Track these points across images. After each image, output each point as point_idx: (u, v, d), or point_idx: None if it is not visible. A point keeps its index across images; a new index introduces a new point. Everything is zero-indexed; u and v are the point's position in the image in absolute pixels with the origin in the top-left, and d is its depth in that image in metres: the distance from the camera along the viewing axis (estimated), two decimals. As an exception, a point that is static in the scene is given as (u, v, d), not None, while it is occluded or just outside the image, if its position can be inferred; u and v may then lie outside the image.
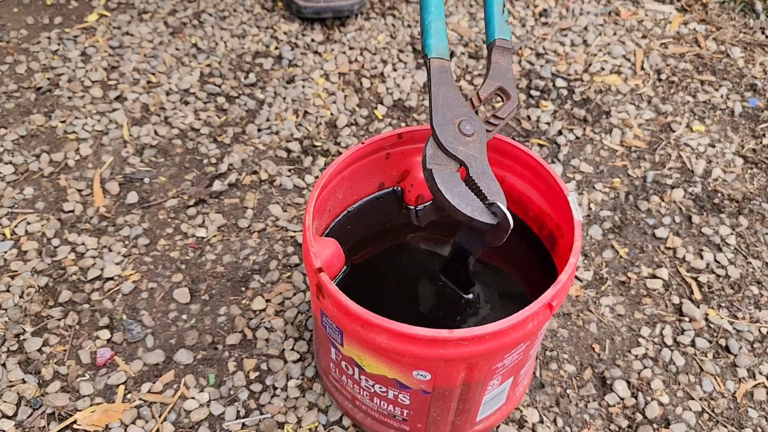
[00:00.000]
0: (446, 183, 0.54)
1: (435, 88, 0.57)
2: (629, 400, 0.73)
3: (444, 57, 0.57)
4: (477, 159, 0.56)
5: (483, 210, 0.55)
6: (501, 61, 0.60)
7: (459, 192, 0.55)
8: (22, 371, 0.72)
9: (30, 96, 1.02)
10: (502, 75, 0.60)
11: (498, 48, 0.60)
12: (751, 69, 1.12)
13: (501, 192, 0.56)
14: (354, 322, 0.53)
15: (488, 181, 0.56)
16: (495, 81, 0.60)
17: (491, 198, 0.55)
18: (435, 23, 0.58)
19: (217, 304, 0.79)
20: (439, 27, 0.58)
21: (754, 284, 0.85)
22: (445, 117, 0.56)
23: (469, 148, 0.56)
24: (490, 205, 0.55)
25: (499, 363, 0.57)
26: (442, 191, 0.54)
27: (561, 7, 1.23)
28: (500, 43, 0.60)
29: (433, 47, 0.57)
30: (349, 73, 1.09)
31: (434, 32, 0.58)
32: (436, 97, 0.56)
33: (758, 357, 0.78)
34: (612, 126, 1.02)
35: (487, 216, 0.55)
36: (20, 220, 0.86)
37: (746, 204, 0.93)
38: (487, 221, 0.54)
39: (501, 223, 0.54)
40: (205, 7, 1.18)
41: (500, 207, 0.54)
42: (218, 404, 0.71)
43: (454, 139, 0.56)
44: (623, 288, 0.83)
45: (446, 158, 0.56)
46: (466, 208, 0.54)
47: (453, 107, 0.57)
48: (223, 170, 0.93)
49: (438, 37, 0.58)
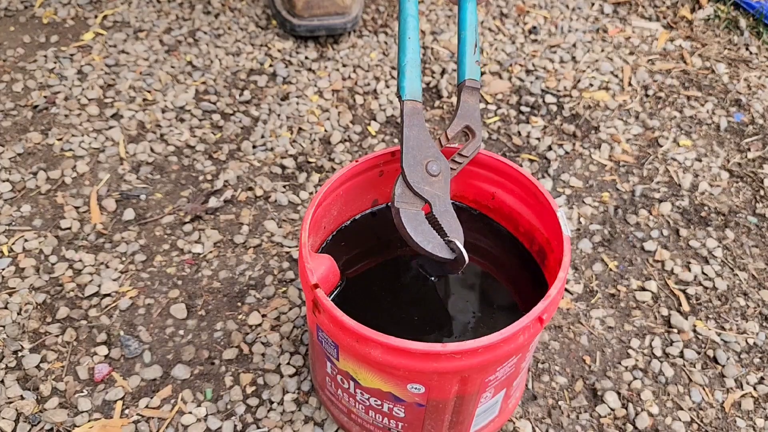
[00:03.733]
0: (411, 222, 0.59)
1: (407, 130, 0.61)
2: (620, 411, 0.75)
3: (417, 99, 0.61)
4: (440, 198, 0.61)
5: (442, 246, 0.60)
6: (470, 101, 0.64)
7: (422, 230, 0.60)
8: (21, 387, 0.73)
9: (27, 114, 1.03)
10: (469, 114, 0.64)
11: (467, 88, 0.64)
12: (736, 84, 1.15)
13: (460, 229, 0.61)
14: (349, 337, 0.54)
15: (449, 219, 0.61)
16: (462, 120, 0.64)
17: (450, 235, 0.60)
18: (410, 65, 0.61)
19: (214, 320, 0.80)
20: (413, 70, 0.62)
21: (741, 296, 0.86)
22: (414, 158, 0.60)
23: (434, 187, 0.61)
24: (449, 242, 0.60)
25: (492, 376, 0.58)
26: (407, 229, 0.59)
27: (550, 24, 1.25)
28: (470, 83, 0.64)
29: (407, 89, 0.61)
30: (342, 90, 1.11)
31: (409, 75, 0.61)
32: (407, 139, 0.61)
33: (745, 367, 0.79)
34: (601, 141, 1.05)
35: (446, 251, 0.60)
36: (18, 238, 0.87)
37: (732, 217, 0.95)
38: (445, 256, 0.60)
39: (457, 258, 0.60)
40: (199, 26, 1.20)
41: (457, 245, 0.59)
42: (215, 419, 0.72)
43: (421, 180, 0.60)
44: (613, 300, 0.85)
45: (413, 197, 0.60)
46: (428, 245, 0.59)
47: (422, 148, 0.61)
48: (218, 187, 0.94)
49: (412, 81, 0.61)
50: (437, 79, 1.12)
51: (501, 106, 1.09)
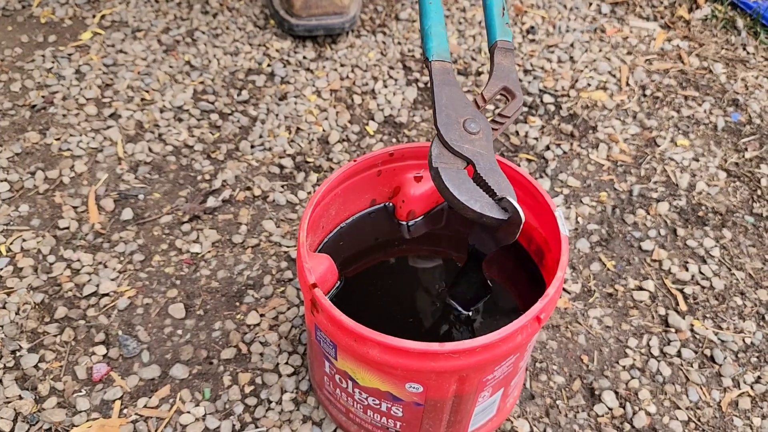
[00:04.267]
0: (454, 180, 0.54)
1: (438, 88, 0.56)
2: (617, 410, 0.75)
3: (446, 59, 0.57)
4: (484, 156, 0.55)
5: (493, 206, 0.54)
6: (504, 62, 0.60)
7: (467, 189, 0.54)
8: (19, 387, 0.73)
9: (25, 114, 1.03)
10: (506, 75, 0.59)
11: (500, 49, 0.60)
12: (733, 84, 1.15)
13: (510, 187, 0.55)
14: (347, 337, 0.54)
15: (497, 178, 0.55)
16: (499, 81, 0.59)
17: (501, 194, 0.54)
18: (435, 27, 0.58)
19: (212, 319, 0.80)
20: (439, 31, 0.58)
21: (738, 295, 0.86)
22: (449, 117, 0.56)
23: (475, 145, 0.55)
24: (499, 200, 0.54)
25: (490, 375, 0.58)
26: (450, 189, 0.53)
27: (548, 24, 1.25)
28: (502, 44, 0.60)
29: (434, 50, 0.57)
30: (340, 89, 1.11)
31: (434, 36, 0.58)
32: (439, 97, 0.56)
33: (742, 367, 0.80)
34: (598, 141, 1.05)
35: (498, 212, 0.54)
36: (16, 237, 0.87)
37: (730, 216, 0.95)
38: (497, 217, 0.54)
39: (512, 218, 0.54)
40: (198, 25, 1.20)
41: (510, 202, 0.53)
42: (214, 418, 0.72)
43: (459, 138, 0.55)
44: (611, 300, 0.85)
45: (452, 157, 0.55)
46: (476, 205, 0.53)
47: (457, 107, 0.56)
48: (216, 186, 0.94)
49: (439, 41, 0.58)
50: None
51: (498, 106, 1.09)
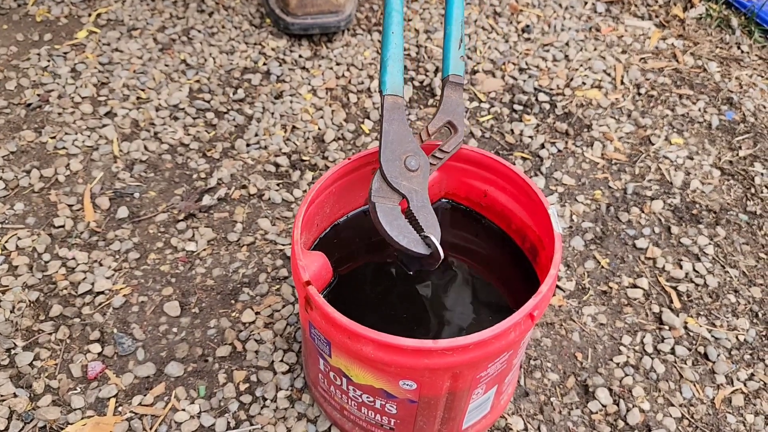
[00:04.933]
0: (387, 216, 0.59)
1: (386, 125, 0.61)
2: (611, 407, 0.75)
3: (398, 94, 0.61)
4: (418, 193, 0.61)
5: (418, 241, 0.59)
6: (453, 96, 0.64)
7: (398, 225, 0.59)
8: (14, 385, 0.73)
9: (20, 112, 1.03)
10: (452, 109, 0.64)
11: (451, 83, 0.64)
12: (728, 83, 1.15)
13: (437, 224, 0.61)
14: (341, 334, 0.55)
15: (426, 215, 0.60)
16: (444, 115, 0.64)
17: (427, 230, 0.60)
18: (392, 61, 0.62)
19: (207, 317, 0.81)
20: (395, 65, 0.62)
21: (732, 293, 0.87)
22: (393, 153, 0.60)
23: (412, 182, 0.60)
24: (425, 237, 0.60)
25: (483, 372, 0.59)
26: (383, 224, 0.59)
27: (543, 23, 1.26)
28: (453, 78, 0.64)
29: (388, 84, 0.61)
30: (336, 88, 1.11)
31: (390, 70, 0.61)
32: (387, 133, 0.61)
33: (736, 364, 0.80)
34: (593, 139, 1.05)
35: (421, 247, 0.59)
36: (11, 236, 0.87)
37: (723, 215, 0.96)
38: (420, 252, 0.59)
39: (433, 253, 0.59)
40: (193, 24, 1.20)
41: (432, 240, 0.59)
42: (209, 416, 0.72)
43: (399, 174, 0.60)
44: (605, 297, 0.85)
45: (390, 191, 0.60)
46: (403, 240, 0.59)
47: (402, 143, 0.61)
48: (212, 185, 0.94)
49: (393, 75, 0.61)
50: (431, 77, 1.13)
51: (494, 105, 1.10)
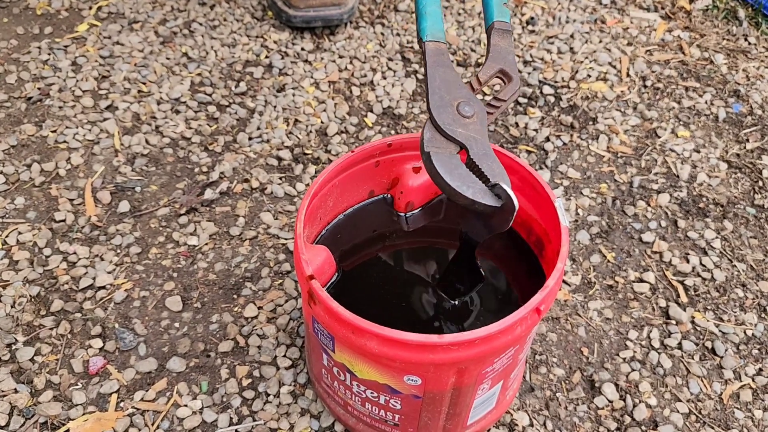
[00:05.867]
0: (445, 165, 0.52)
1: (431, 70, 0.54)
2: (618, 402, 0.74)
3: (440, 40, 0.55)
4: (478, 141, 0.54)
5: (485, 192, 0.52)
6: (501, 43, 0.58)
7: (459, 174, 0.52)
8: (14, 381, 0.73)
9: (21, 106, 1.02)
10: (502, 57, 0.58)
11: (497, 30, 0.58)
12: (735, 75, 1.14)
13: (504, 173, 0.54)
14: (345, 329, 0.54)
15: (491, 163, 0.53)
16: (495, 63, 0.57)
17: (494, 179, 0.52)
18: (430, 6, 0.56)
19: (209, 312, 0.80)
20: (434, 10, 0.56)
21: (739, 287, 0.86)
22: (442, 99, 0.54)
23: (469, 129, 0.53)
24: (492, 186, 0.52)
25: (489, 367, 0.58)
26: (441, 174, 0.52)
27: (548, 15, 1.24)
28: (499, 25, 0.58)
29: (428, 30, 0.55)
30: (339, 81, 1.10)
31: (429, 15, 0.56)
32: (432, 79, 0.54)
33: (744, 359, 0.79)
34: (599, 132, 1.04)
35: (490, 198, 0.52)
36: (11, 230, 0.86)
37: (731, 208, 0.95)
38: (490, 204, 0.52)
39: (505, 205, 0.52)
40: (195, 17, 1.19)
41: (504, 188, 0.51)
42: (211, 411, 0.71)
43: (452, 121, 0.53)
44: (611, 292, 0.85)
45: (445, 141, 0.53)
46: (468, 191, 0.51)
47: (451, 89, 0.54)
48: (214, 179, 0.94)
49: (433, 21, 0.56)
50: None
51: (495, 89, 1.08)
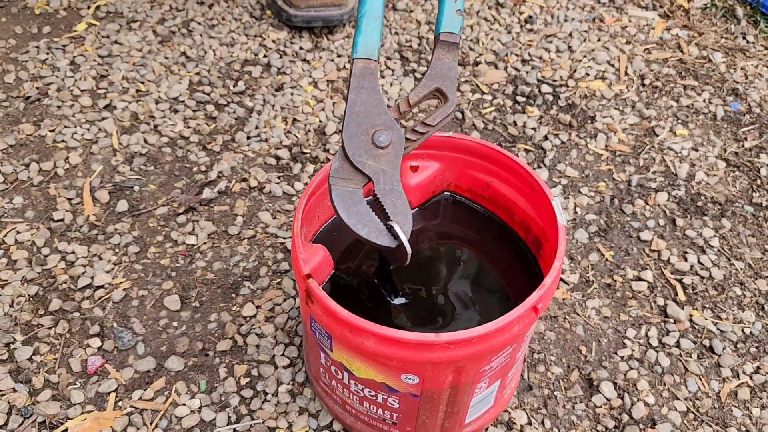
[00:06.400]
0: (344, 201, 0.51)
1: (353, 94, 0.52)
2: (616, 401, 0.74)
3: (371, 57, 0.52)
4: (387, 174, 0.52)
5: (381, 232, 0.51)
6: (444, 58, 0.54)
7: (357, 211, 0.51)
8: (13, 380, 0.73)
9: (19, 105, 1.02)
10: (442, 74, 0.54)
11: (442, 43, 0.54)
12: (733, 74, 1.14)
13: (407, 212, 0.52)
14: (342, 327, 0.54)
15: (394, 199, 0.52)
16: (432, 81, 0.54)
17: (394, 219, 0.52)
18: (368, 20, 0.53)
19: (208, 311, 0.80)
20: (372, 24, 0.52)
21: (737, 285, 0.86)
22: (358, 126, 0.52)
23: (380, 161, 0.52)
24: (390, 227, 0.52)
25: (487, 366, 0.58)
26: (338, 210, 0.51)
27: (546, 14, 1.24)
28: (445, 37, 0.54)
29: (360, 46, 0.52)
30: (337, 80, 1.10)
31: (365, 29, 0.52)
32: (352, 103, 0.52)
33: (741, 357, 0.79)
34: (597, 131, 1.04)
35: (385, 238, 0.51)
36: (10, 230, 0.86)
37: (729, 206, 0.95)
38: (383, 244, 0.51)
39: (399, 247, 0.52)
40: (193, 16, 1.19)
41: (396, 230, 0.51)
42: (209, 410, 0.72)
43: (364, 152, 0.52)
44: (609, 290, 0.85)
45: (353, 172, 0.52)
46: (362, 230, 0.51)
47: (370, 115, 0.52)
48: (212, 178, 0.94)
49: (368, 36, 0.52)
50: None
51: (497, 96, 1.09)
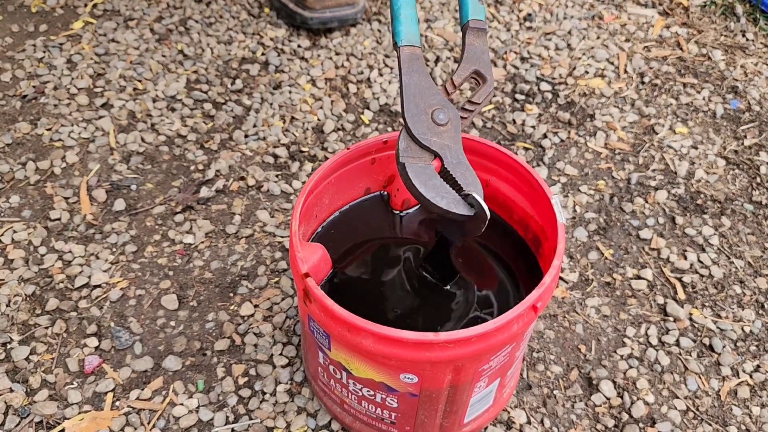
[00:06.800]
0: (420, 176, 0.54)
1: (406, 77, 0.55)
2: (615, 399, 0.74)
3: (415, 44, 0.56)
4: (452, 149, 0.55)
5: (459, 202, 0.54)
6: (476, 43, 0.58)
7: (433, 185, 0.54)
8: (10, 380, 0.72)
9: (15, 104, 1.01)
10: (477, 57, 0.58)
11: (472, 29, 0.58)
12: (732, 71, 1.14)
13: (477, 181, 0.55)
14: (341, 327, 0.54)
15: (464, 171, 0.55)
16: (470, 64, 0.58)
17: (467, 189, 0.54)
18: (405, 9, 0.56)
19: (206, 310, 0.80)
20: (409, 13, 0.56)
21: (737, 283, 0.86)
22: (417, 107, 0.55)
23: (443, 138, 0.55)
24: (466, 196, 0.54)
25: (486, 365, 0.58)
26: (416, 185, 0.53)
27: (545, 11, 1.24)
28: (474, 24, 0.58)
29: (403, 35, 0.55)
30: (335, 78, 1.09)
31: (404, 19, 0.55)
32: (407, 86, 0.55)
33: (741, 355, 0.79)
34: (596, 129, 1.04)
35: (463, 207, 0.54)
36: (6, 229, 0.86)
37: (728, 204, 0.94)
38: (463, 213, 0.54)
39: (477, 214, 0.54)
40: (191, 14, 1.18)
41: (476, 198, 0.53)
42: (207, 410, 0.71)
43: (427, 130, 0.55)
44: (608, 289, 0.84)
45: (420, 150, 0.55)
46: (441, 201, 0.54)
47: (425, 96, 0.55)
48: (210, 176, 0.93)
49: (408, 24, 0.56)
50: (431, 67, 1.11)
51: (496, 94, 1.08)
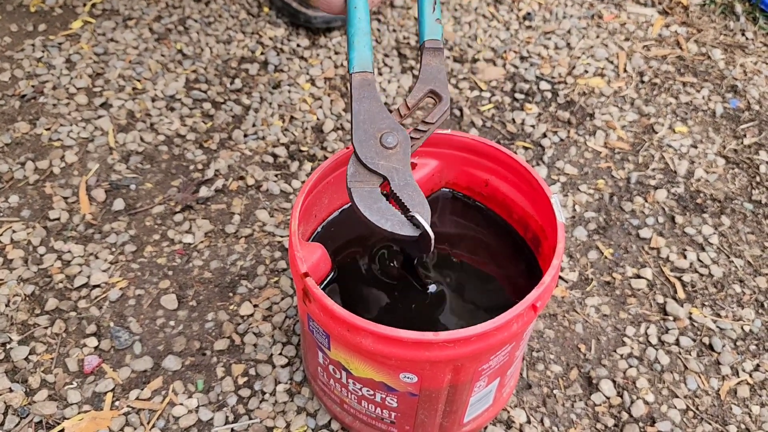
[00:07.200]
0: (365, 200, 0.55)
1: (356, 104, 0.57)
2: (615, 399, 0.74)
3: (366, 70, 0.57)
4: (399, 171, 0.56)
5: (404, 223, 0.55)
6: (432, 63, 0.60)
7: (378, 208, 0.55)
8: (9, 380, 0.72)
9: (14, 104, 1.01)
10: (433, 77, 0.59)
11: (428, 49, 0.60)
12: (732, 70, 1.14)
13: (424, 202, 0.56)
14: (340, 326, 0.53)
15: (411, 193, 0.56)
16: (425, 84, 0.59)
17: (413, 210, 0.55)
18: (358, 36, 0.58)
19: (205, 310, 0.80)
20: (363, 40, 0.58)
21: (737, 283, 0.86)
22: (366, 132, 0.56)
23: (391, 161, 0.56)
24: (411, 217, 0.55)
25: (485, 364, 0.58)
26: (361, 209, 0.55)
27: (545, 10, 1.24)
28: (430, 44, 0.60)
29: (356, 61, 0.57)
30: (335, 77, 1.09)
31: (358, 45, 0.57)
32: (357, 113, 0.57)
33: (741, 354, 0.79)
34: (596, 128, 1.04)
35: (409, 228, 0.55)
36: (5, 229, 0.86)
37: (728, 204, 0.94)
38: (408, 234, 0.55)
39: (423, 234, 0.55)
40: (190, 13, 1.18)
41: (419, 219, 0.54)
42: (207, 410, 0.71)
43: (375, 154, 0.56)
44: (608, 288, 0.84)
45: (368, 174, 0.56)
46: (386, 224, 0.54)
47: (375, 121, 0.57)
48: (209, 176, 0.93)
49: (361, 51, 0.57)
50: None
51: (495, 93, 1.08)
